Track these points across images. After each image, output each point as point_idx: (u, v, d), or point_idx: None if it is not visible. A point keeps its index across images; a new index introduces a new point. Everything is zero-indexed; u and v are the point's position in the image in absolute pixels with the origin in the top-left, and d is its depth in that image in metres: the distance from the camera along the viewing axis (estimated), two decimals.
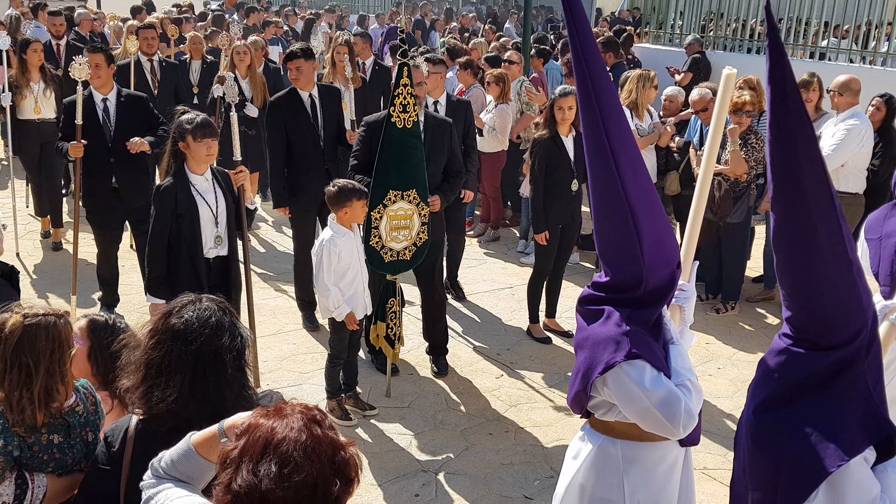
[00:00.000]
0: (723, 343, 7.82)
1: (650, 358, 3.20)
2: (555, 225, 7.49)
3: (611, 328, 3.23)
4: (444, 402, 6.50)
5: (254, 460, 2.11)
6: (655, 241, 3.22)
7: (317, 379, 6.60)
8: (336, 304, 5.89)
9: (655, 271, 3.23)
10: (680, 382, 3.24)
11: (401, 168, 6.25)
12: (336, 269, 5.87)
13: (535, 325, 7.78)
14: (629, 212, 3.18)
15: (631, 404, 3.24)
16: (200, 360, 2.83)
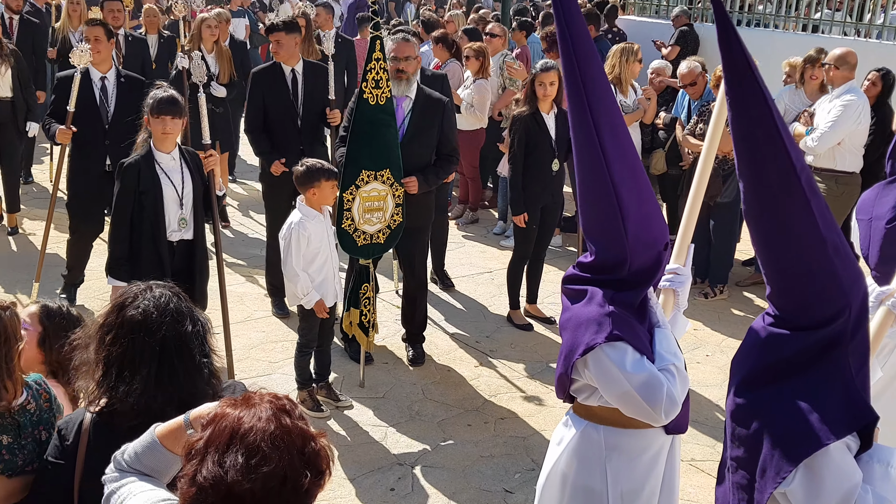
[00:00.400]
0: (711, 329, 7.90)
1: (632, 340, 3.24)
2: (534, 206, 7.51)
3: (593, 309, 3.28)
4: (420, 393, 6.54)
5: (220, 451, 2.12)
6: (641, 220, 3.27)
7: (287, 368, 6.62)
8: (305, 291, 5.91)
9: (640, 252, 3.28)
10: (664, 367, 3.28)
11: (373, 147, 6.25)
12: (305, 254, 5.88)
13: (516, 312, 7.83)
14: (612, 188, 3.23)
15: (611, 387, 3.28)
16: (166, 349, 2.84)
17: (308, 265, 5.91)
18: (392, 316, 7.77)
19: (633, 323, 3.30)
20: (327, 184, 5.85)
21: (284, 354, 6.92)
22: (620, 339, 3.22)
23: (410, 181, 6.51)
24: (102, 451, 2.69)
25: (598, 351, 3.25)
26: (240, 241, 9.59)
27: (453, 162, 6.89)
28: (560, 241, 9.83)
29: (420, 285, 7.00)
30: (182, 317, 2.88)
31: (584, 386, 3.46)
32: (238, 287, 8.18)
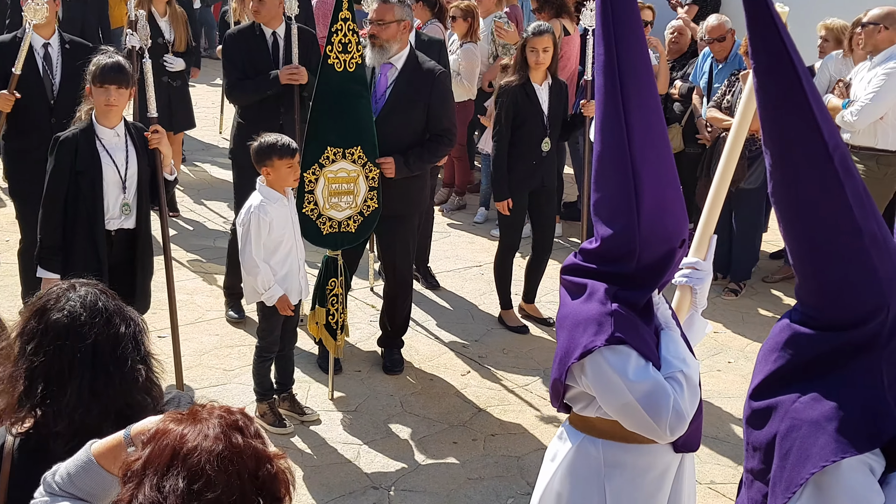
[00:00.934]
0: (734, 332, 7.92)
1: (637, 344, 3.24)
2: (520, 191, 7.50)
3: (593, 306, 3.27)
4: (398, 405, 6.53)
5: (159, 473, 2.10)
6: (658, 207, 3.27)
7: (245, 377, 6.60)
8: (266, 286, 5.89)
9: (652, 244, 3.28)
10: (670, 375, 3.28)
11: (341, 121, 6.22)
12: (266, 243, 5.85)
13: (508, 312, 7.82)
14: (630, 165, 3.25)
15: (611, 397, 3.28)
16: (99, 355, 2.82)
17: (270, 256, 5.89)
18: (366, 316, 7.75)
19: (637, 324, 3.30)
20: (280, 163, 5.80)
21: (241, 361, 6.90)
22: (623, 343, 3.22)
23: (386, 162, 6.45)
24: (30, 476, 2.67)
25: (596, 355, 3.25)
26: (190, 231, 9.57)
27: (444, 143, 6.76)
28: (560, 229, 9.84)
29: (402, 283, 6.97)
30: (113, 316, 2.87)
31: (581, 394, 3.46)
32: (187, 283, 8.16)
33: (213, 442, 2.13)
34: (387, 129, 6.45)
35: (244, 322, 7.50)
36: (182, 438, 2.14)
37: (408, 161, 6.56)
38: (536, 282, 7.92)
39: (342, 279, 6.44)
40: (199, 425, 2.17)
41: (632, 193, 3.25)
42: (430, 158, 6.76)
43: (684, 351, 3.40)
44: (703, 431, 3.63)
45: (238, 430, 2.18)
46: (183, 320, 7.28)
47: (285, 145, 5.82)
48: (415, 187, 6.76)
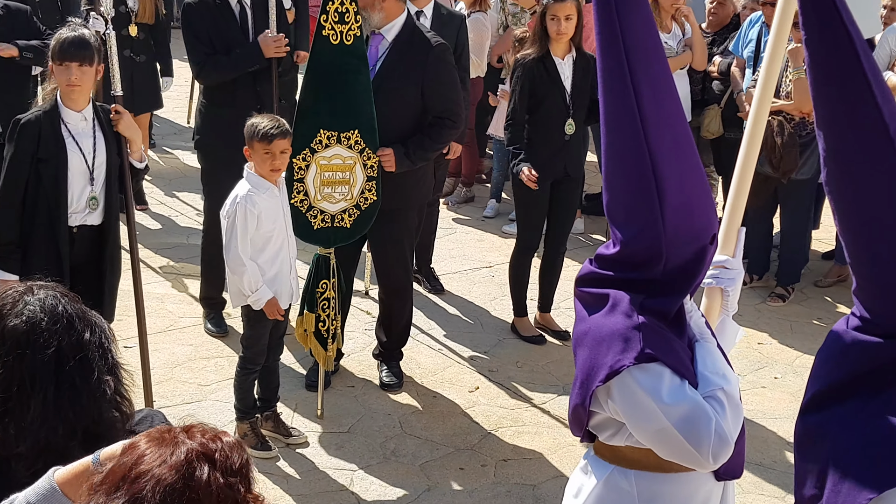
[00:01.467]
0: (780, 343, 7.93)
1: (670, 360, 3.21)
2: (542, 181, 7.47)
3: (618, 319, 3.24)
4: (397, 426, 6.56)
5: (104, 494, 2.10)
6: (683, 203, 3.23)
7: (222, 393, 6.63)
8: (253, 287, 5.90)
9: (680, 245, 3.24)
10: (710, 394, 3.25)
11: (337, 100, 6.24)
12: (254, 238, 5.87)
13: (523, 320, 7.85)
14: (648, 158, 3.20)
15: (643, 423, 3.25)
16: (63, 365, 2.81)
17: (258, 253, 5.91)
18: (360, 324, 7.78)
19: (669, 337, 3.26)
20: (259, 146, 5.81)
21: (219, 374, 6.93)
22: (654, 360, 3.20)
23: (385, 154, 6.45)
24: None
25: (625, 375, 3.20)
26: (160, 227, 9.59)
27: (447, 126, 6.71)
28: (581, 225, 9.85)
29: (397, 290, 6.99)
30: (76, 322, 2.86)
31: (608, 421, 3.42)
32: (156, 287, 8.18)
33: (169, 470, 2.09)
34: (376, 109, 6.42)
35: (226, 335, 7.53)
36: (139, 459, 2.12)
37: (409, 152, 6.55)
38: (552, 287, 7.92)
39: (335, 281, 6.46)
40: (164, 448, 2.14)
41: (651, 187, 3.21)
42: (432, 146, 6.74)
43: (723, 365, 3.37)
44: (745, 457, 3.62)
45: (209, 462, 2.13)
46: (152, 328, 7.29)
47: (268, 129, 5.78)
48: (411, 178, 6.75)
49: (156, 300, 7.89)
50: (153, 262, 8.67)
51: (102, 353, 2.86)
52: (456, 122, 6.78)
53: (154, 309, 7.70)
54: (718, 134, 9.20)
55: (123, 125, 5.83)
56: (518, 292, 7.80)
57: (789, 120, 8.18)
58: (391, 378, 7.00)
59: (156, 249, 8.95)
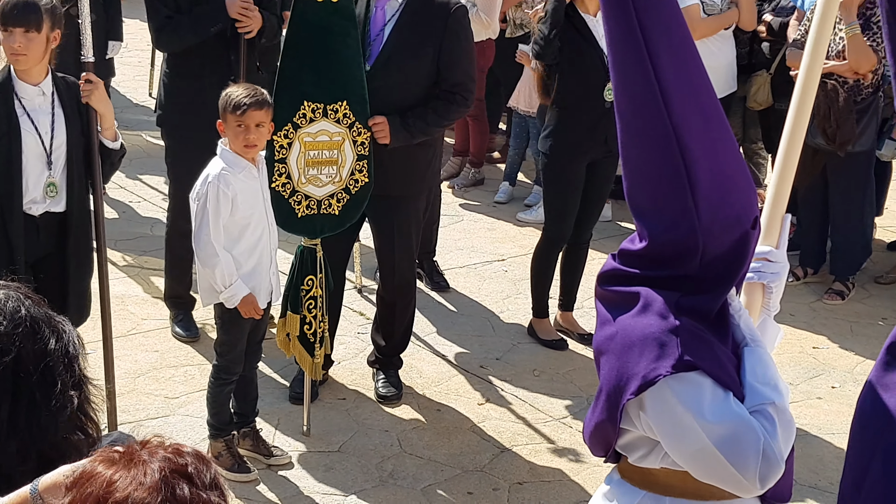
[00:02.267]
0: (840, 348, 7.95)
1: (712, 369, 3.19)
2: (577, 159, 7.49)
3: (651, 321, 3.22)
4: (395, 444, 6.59)
5: None
6: (718, 182, 3.21)
7: (193, 407, 6.66)
8: (226, 281, 5.90)
9: (718, 231, 3.22)
10: (758, 408, 3.23)
11: (322, 68, 6.25)
12: (228, 225, 5.89)
13: (543, 321, 7.89)
14: (673, 137, 3.18)
15: (681, 442, 3.23)
16: (22, 375, 2.80)
17: (233, 243, 5.93)
18: (352, 327, 7.82)
19: (710, 341, 3.24)
20: (232, 118, 5.82)
21: (188, 386, 6.97)
22: (694, 368, 3.19)
23: (379, 123, 6.45)
24: None
25: (661, 387, 3.19)
26: (119, 215, 9.63)
27: (457, 102, 6.73)
28: (609, 212, 9.86)
29: (403, 287, 7.02)
30: (40, 328, 2.86)
31: (639, 439, 3.40)
32: (115, 285, 8.16)
33: (149, 492, 2.12)
34: (383, 83, 6.46)
35: (196, 339, 7.57)
36: (110, 486, 2.14)
37: (407, 123, 6.55)
38: (575, 282, 7.97)
39: (322, 277, 6.46)
40: (133, 470, 2.17)
41: (680, 170, 3.20)
42: (437, 122, 6.76)
43: (774, 374, 3.34)
44: (796, 478, 3.63)
45: (185, 479, 2.17)
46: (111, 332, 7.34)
47: (241, 99, 5.79)
48: (422, 159, 6.80)
49: (115, 300, 7.86)
50: (111, 257, 8.67)
51: (68, 365, 2.84)
52: (467, 99, 6.80)
53: (113, 310, 7.70)
54: (767, 104, 9.19)
55: (96, 98, 5.86)
56: (540, 290, 7.84)
57: (842, 83, 8.17)
58: (389, 389, 7.04)
59: (114, 242, 8.94)
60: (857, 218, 8.61)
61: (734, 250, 3.29)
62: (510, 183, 10.43)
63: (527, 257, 8.16)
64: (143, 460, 2.19)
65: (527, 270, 7.99)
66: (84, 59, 5.98)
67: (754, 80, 9.19)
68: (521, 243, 9.31)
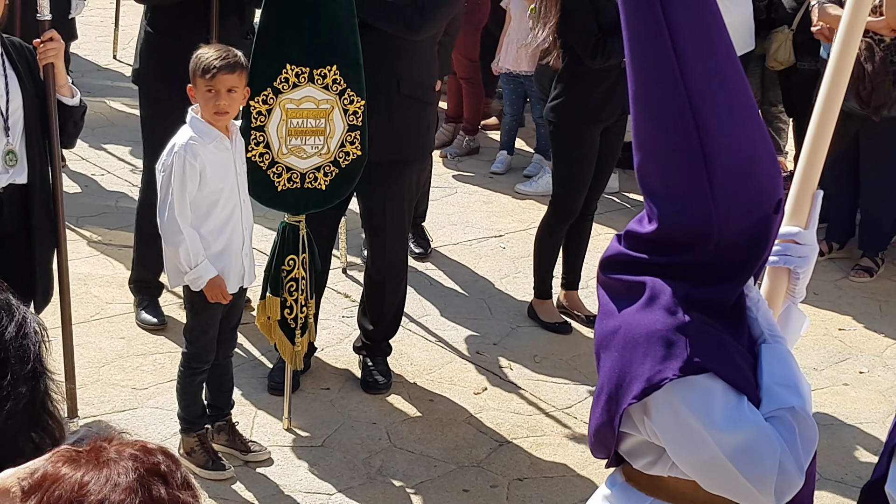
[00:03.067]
0: (867, 329, 7.96)
1: (725, 371, 3.16)
2: (595, 126, 7.50)
3: (657, 317, 3.19)
4: (384, 437, 6.58)
5: None
6: (738, 160, 3.17)
7: (163, 399, 6.65)
8: (192, 262, 5.88)
9: (736, 216, 3.18)
10: (776, 413, 3.20)
11: (308, 27, 6.20)
12: (196, 201, 5.87)
13: (545, 303, 7.90)
14: (687, 102, 3.15)
15: (689, 452, 3.22)
16: None
17: (200, 220, 5.91)
18: (337, 310, 7.81)
19: (724, 340, 3.21)
20: (202, 82, 5.78)
21: (158, 376, 6.95)
22: (704, 371, 3.16)
23: None
24: None
25: (667, 391, 3.16)
26: (79, 191, 9.61)
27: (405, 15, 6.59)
28: (616, 182, 9.85)
29: (394, 265, 7.00)
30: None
31: (644, 445, 3.38)
32: (77, 265, 8.17)
33: (127, 495, 2.11)
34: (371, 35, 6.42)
35: (163, 328, 7.55)
36: (82, 489, 2.12)
37: None
38: (579, 258, 7.98)
39: (305, 257, 6.44)
40: (105, 470, 2.15)
41: (695, 145, 3.16)
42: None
43: (795, 373, 3.31)
44: (823, 472, 3.62)
45: (160, 478, 2.16)
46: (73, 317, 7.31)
47: (211, 60, 5.74)
48: (422, 122, 6.78)
49: (77, 282, 7.89)
50: (73, 235, 8.66)
51: (23, 355, 2.84)
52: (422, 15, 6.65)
53: (75, 293, 7.71)
54: (789, 64, 9.18)
55: (58, 56, 5.83)
56: (544, 269, 7.85)
57: (878, 41, 8.14)
58: (377, 378, 7.03)
59: (76, 218, 8.94)
60: (890, 189, 8.62)
61: (753, 236, 3.25)
62: (508, 152, 10.42)
63: (526, 233, 8.17)
64: (112, 459, 2.18)
65: (526, 247, 8.00)
66: (41, 16, 5.94)
67: (774, 37, 9.17)
68: (520, 217, 9.30)
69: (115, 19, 12.69)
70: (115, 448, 2.21)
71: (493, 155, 10.51)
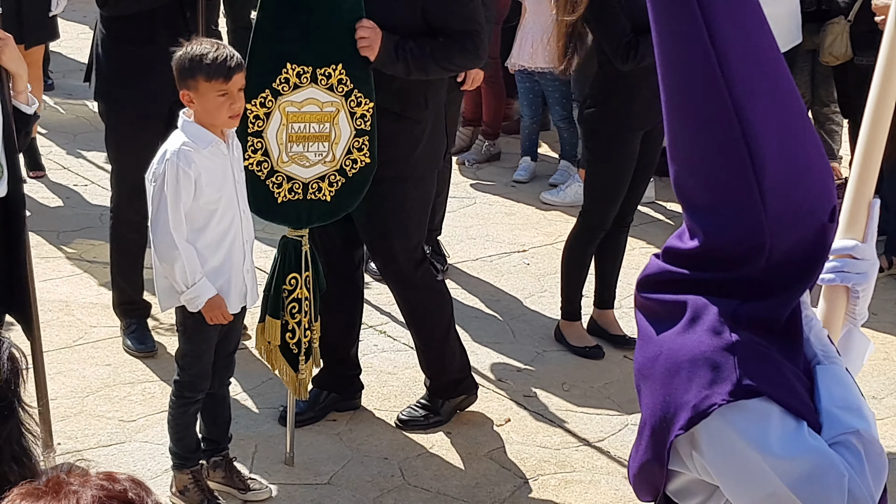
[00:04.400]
0: None
1: (780, 394, 3.12)
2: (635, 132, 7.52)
3: (701, 338, 3.17)
4: (397, 474, 6.57)
5: None
6: (788, 164, 3.17)
7: (153, 432, 6.66)
8: (188, 280, 5.87)
9: (788, 225, 3.16)
10: (839, 439, 3.17)
11: (311, 23, 6.21)
12: (191, 212, 5.87)
13: (573, 325, 7.90)
14: (729, 102, 3.13)
15: (745, 486, 3.17)
16: None
17: (196, 234, 5.91)
18: None
19: (777, 361, 3.21)
20: (209, 86, 5.76)
21: (147, 406, 6.96)
22: (757, 394, 3.16)
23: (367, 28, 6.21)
24: None
25: (716, 418, 3.13)
26: (62, 201, 9.63)
27: (465, 48, 6.51)
28: (652, 191, 9.84)
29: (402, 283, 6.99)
30: None
31: (694, 484, 3.35)
32: (58, 285, 8.20)
33: None
34: None
35: (153, 354, 7.55)
36: None
37: (401, 49, 6.37)
38: (614, 273, 7.98)
39: (309, 275, 6.43)
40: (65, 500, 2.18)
41: (742, 151, 3.13)
42: (438, 57, 6.49)
43: (857, 397, 3.27)
44: None
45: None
46: (53, 342, 7.34)
47: (222, 59, 5.78)
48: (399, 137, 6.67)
49: (59, 304, 7.91)
50: (53, 251, 8.70)
51: None
52: (478, 48, 6.62)
53: (57, 316, 7.73)
54: (846, 58, 9.18)
55: (7, 56, 5.85)
56: (573, 287, 7.85)
57: None
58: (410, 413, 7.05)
59: (57, 233, 8.98)
60: None
61: (808, 248, 3.21)
62: (531, 158, 10.42)
63: (553, 247, 8.17)
64: (72, 490, 2.19)
65: (552, 263, 8.00)
66: None
67: (829, 30, 9.15)
68: (545, 230, 9.30)
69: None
70: (77, 479, 2.23)
71: (516, 162, 10.52)
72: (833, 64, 9.25)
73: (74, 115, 11.27)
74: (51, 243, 8.82)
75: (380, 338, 7.78)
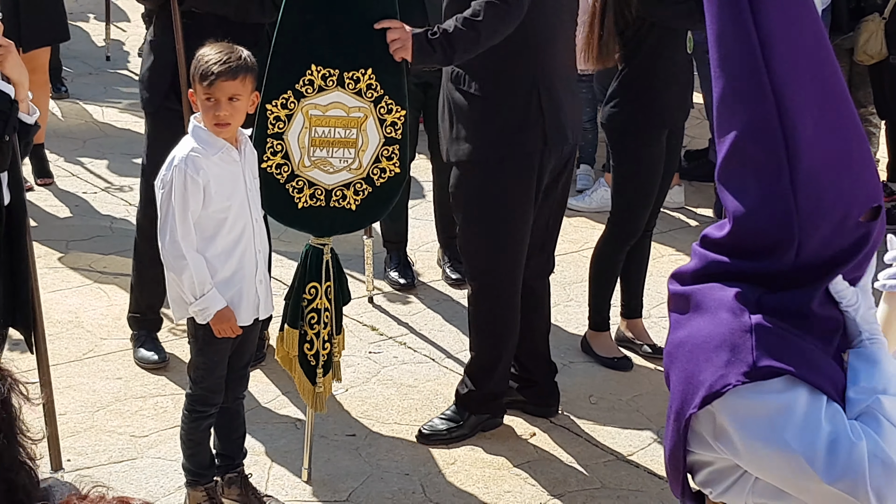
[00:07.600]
0: None
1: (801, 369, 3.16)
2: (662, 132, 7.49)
3: (721, 320, 3.21)
4: (418, 490, 6.57)
5: None
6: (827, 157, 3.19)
7: (166, 448, 6.65)
8: (197, 291, 5.87)
9: (820, 219, 3.19)
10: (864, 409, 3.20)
11: (339, 23, 6.19)
12: (200, 221, 5.88)
13: (601, 335, 7.91)
14: (770, 93, 3.17)
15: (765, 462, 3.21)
16: None
17: (206, 243, 5.91)
18: (363, 345, 7.80)
19: (798, 342, 3.23)
20: (200, 88, 5.72)
21: (159, 421, 6.96)
22: (775, 374, 3.15)
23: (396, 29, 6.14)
24: None
25: (730, 396, 3.19)
26: (70, 209, 9.63)
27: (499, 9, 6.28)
28: (681, 196, 9.83)
29: (481, 290, 6.97)
30: None
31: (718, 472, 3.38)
32: (67, 297, 8.21)
33: None
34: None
35: (164, 366, 7.55)
36: None
37: (435, 39, 6.25)
38: (640, 280, 7.98)
39: (330, 286, 6.39)
40: None
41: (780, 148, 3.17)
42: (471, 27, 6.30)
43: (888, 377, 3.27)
44: None
45: None
46: (62, 355, 7.34)
47: (210, 63, 5.69)
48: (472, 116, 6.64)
49: (68, 315, 7.91)
50: (62, 261, 8.70)
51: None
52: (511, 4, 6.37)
53: (66, 329, 7.73)
54: (881, 57, 9.15)
55: (10, 64, 5.87)
56: (601, 297, 7.85)
57: None
58: None
59: (66, 242, 8.97)
60: None
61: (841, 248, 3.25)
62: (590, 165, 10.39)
63: (579, 255, 8.15)
64: None
65: (579, 271, 7.99)
66: None
67: (864, 27, 9.13)
68: (571, 237, 9.27)
69: (105, 12, 12.72)
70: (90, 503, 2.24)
71: None
72: (868, 63, 9.23)
73: (83, 122, 11.27)
74: (59, 253, 8.81)
75: (399, 349, 7.77)
